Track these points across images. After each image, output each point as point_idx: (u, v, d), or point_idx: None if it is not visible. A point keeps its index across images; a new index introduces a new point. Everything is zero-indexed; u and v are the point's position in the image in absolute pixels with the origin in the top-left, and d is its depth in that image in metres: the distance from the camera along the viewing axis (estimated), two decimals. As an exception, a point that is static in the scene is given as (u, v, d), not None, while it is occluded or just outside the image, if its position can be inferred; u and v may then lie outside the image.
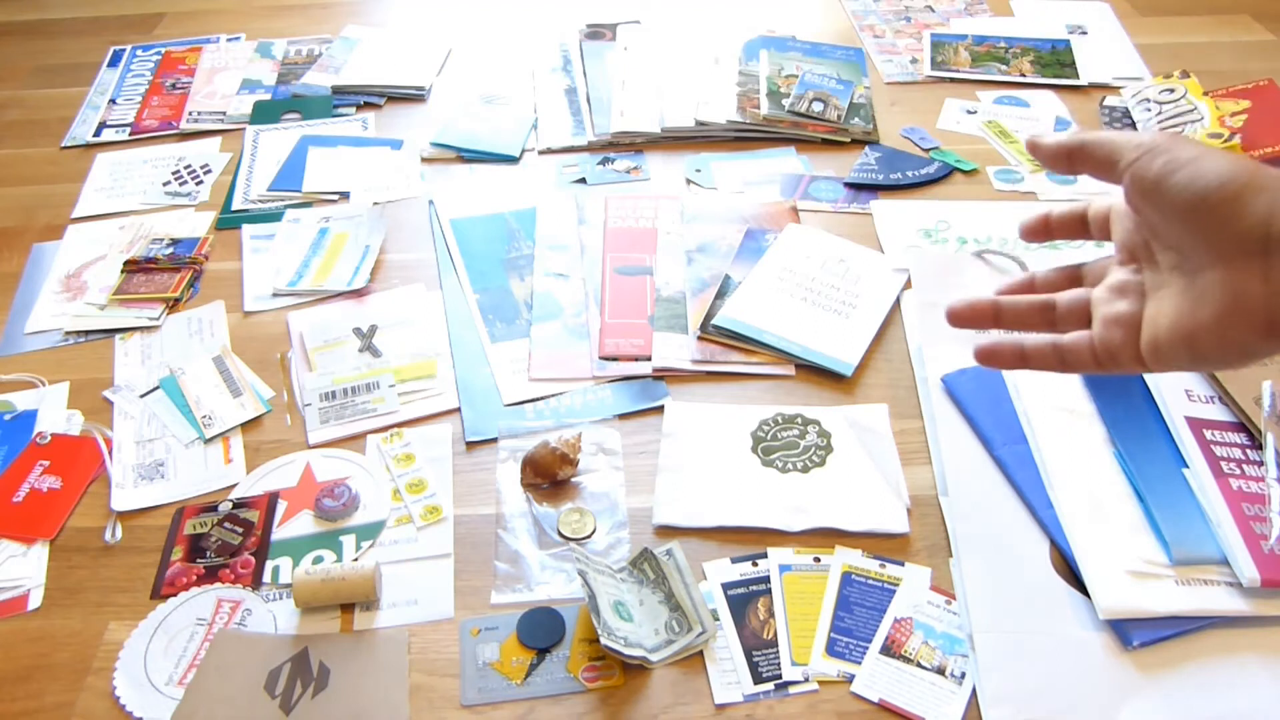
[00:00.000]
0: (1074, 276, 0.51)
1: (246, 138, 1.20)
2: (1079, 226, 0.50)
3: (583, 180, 1.11)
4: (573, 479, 0.78)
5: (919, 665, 0.64)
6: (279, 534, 0.74)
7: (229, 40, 1.42)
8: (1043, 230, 0.52)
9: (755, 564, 0.70)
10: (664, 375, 0.86)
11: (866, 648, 0.65)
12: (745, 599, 0.68)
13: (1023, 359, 0.49)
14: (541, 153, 1.16)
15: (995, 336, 0.52)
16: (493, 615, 0.68)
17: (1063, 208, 0.51)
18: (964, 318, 0.52)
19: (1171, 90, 1.18)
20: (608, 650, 0.62)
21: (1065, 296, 0.50)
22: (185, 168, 1.16)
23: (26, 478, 0.79)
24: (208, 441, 0.82)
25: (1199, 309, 0.40)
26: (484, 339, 0.90)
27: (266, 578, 0.71)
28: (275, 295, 0.97)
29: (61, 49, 1.43)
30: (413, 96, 1.27)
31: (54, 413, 0.85)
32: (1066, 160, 0.46)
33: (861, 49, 1.33)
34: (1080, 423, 0.76)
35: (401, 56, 1.33)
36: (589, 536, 0.73)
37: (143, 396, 0.86)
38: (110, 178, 1.15)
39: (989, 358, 0.51)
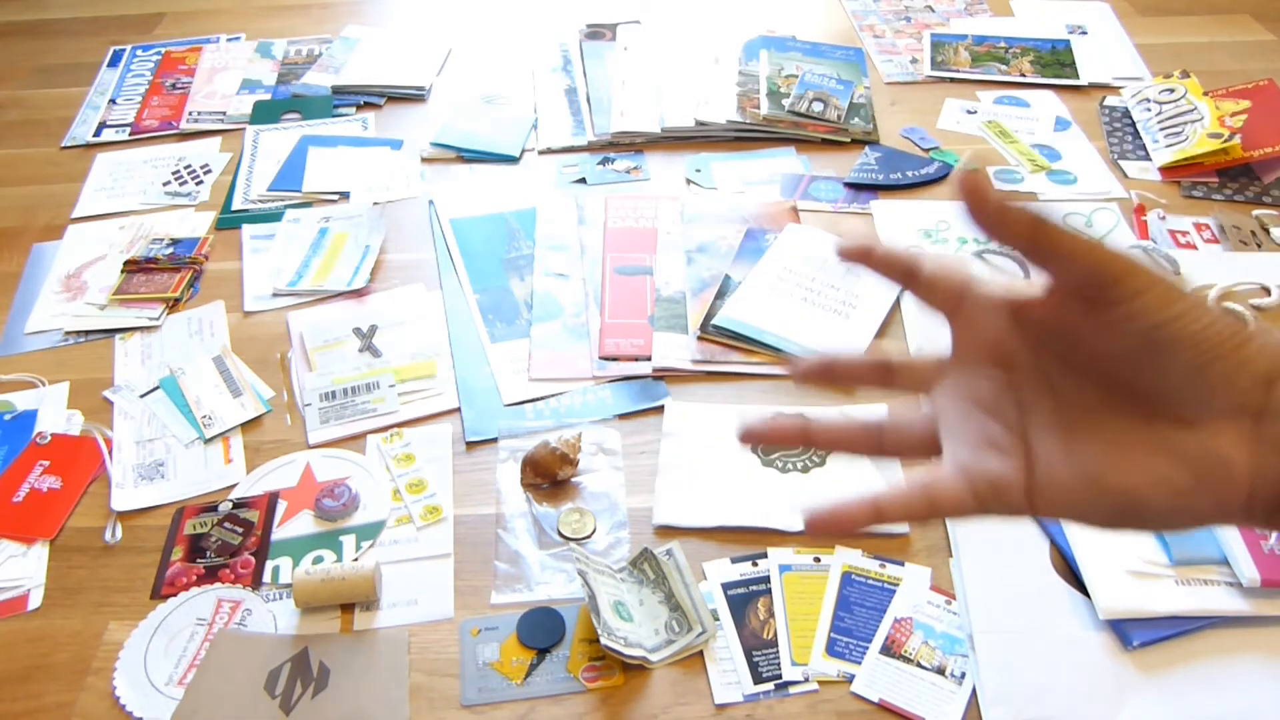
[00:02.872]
0: (883, 369, 0.41)
1: (246, 138, 1.20)
2: (903, 280, 0.39)
3: (583, 180, 1.11)
4: (573, 479, 0.78)
5: (919, 665, 0.64)
6: (279, 534, 0.74)
7: (229, 40, 1.42)
8: (862, 258, 0.39)
9: (755, 564, 0.70)
10: (664, 375, 0.86)
11: (866, 648, 0.65)
12: (745, 599, 0.68)
13: (879, 514, 0.40)
14: (541, 153, 1.16)
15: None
16: (493, 615, 0.68)
17: (893, 256, 0.39)
18: (759, 437, 0.42)
19: (1171, 90, 1.18)
20: (608, 650, 0.62)
21: (902, 425, 0.41)
22: (185, 168, 1.16)
23: (26, 478, 0.79)
24: (208, 441, 0.82)
25: (1168, 470, 0.32)
26: (484, 339, 0.90)
27: (266, 578, 0.71)
28: (275, 295, 0.97)
29: (61, 49, 1.43)
30: (413, 96, 1.27)
31: (54, 413, 0.85)
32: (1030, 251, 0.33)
33: (861, 49, 1.33)
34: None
35: (401, 56, 1.33)
36: (589, 536, 0.73)
37: (143, 396, 0.86)
38: (110, 178, 1.15)
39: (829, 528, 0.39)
